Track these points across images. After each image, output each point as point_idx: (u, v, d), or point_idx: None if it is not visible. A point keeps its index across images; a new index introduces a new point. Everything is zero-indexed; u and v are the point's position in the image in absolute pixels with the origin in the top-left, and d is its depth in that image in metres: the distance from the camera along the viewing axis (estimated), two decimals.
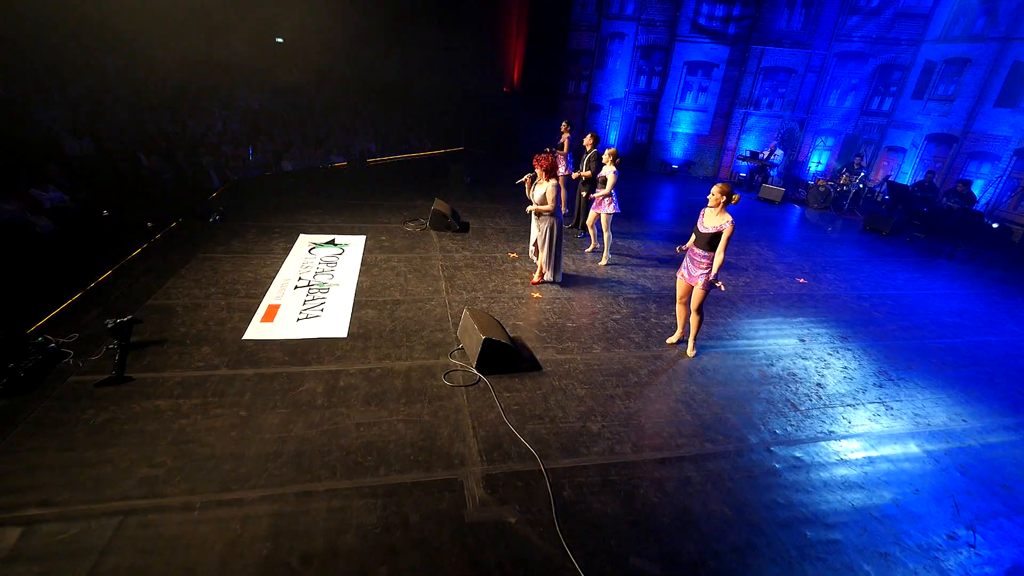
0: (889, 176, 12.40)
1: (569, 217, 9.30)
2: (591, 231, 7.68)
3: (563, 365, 4.72)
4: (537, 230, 5.89)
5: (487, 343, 4.33)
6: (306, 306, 5.35)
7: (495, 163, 14.44)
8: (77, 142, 10.82)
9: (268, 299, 5.41)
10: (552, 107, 15.46)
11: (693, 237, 4.82)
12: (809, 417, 4.34)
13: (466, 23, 17.56)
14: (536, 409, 4.07)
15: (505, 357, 4.45)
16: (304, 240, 7.13)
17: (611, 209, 7.02)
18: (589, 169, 7.52)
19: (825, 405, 4.53)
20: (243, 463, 3.30)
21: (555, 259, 6.12)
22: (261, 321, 4.98)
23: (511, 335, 5.06)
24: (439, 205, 8.03)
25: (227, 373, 4.16)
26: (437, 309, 5.56)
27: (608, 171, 6.97)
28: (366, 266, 6.49)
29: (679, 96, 14.37)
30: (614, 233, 7.47)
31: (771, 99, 13.91)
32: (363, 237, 7.45)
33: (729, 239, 4.50)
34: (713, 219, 4.60)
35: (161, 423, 3.57)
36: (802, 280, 7.52)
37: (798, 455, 3.88)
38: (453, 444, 3.63)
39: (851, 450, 3.99)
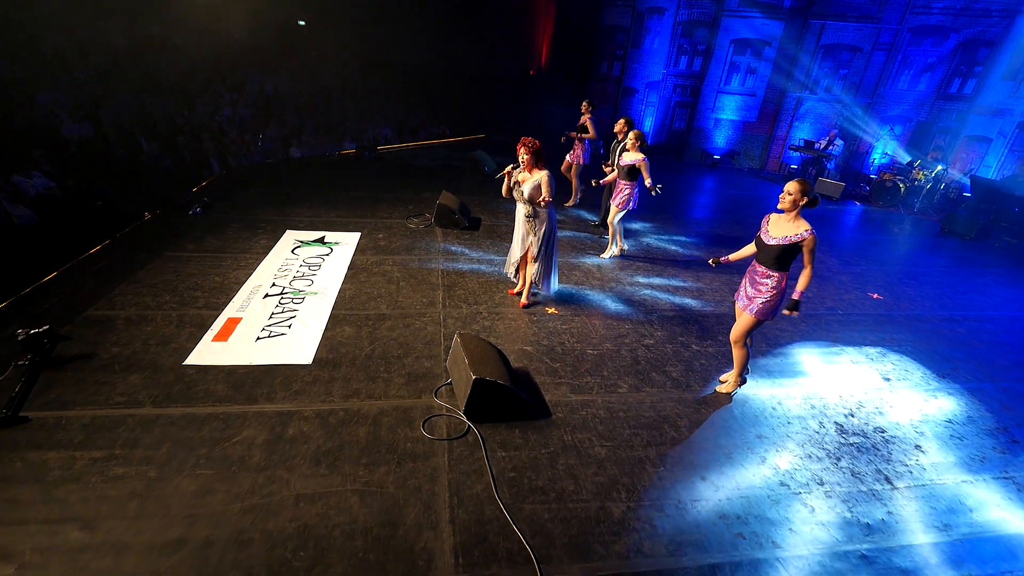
0: (971, 169, 10.75)
1: (573, 202, 8.21)
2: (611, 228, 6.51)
3: (579, 411, 3.68)
4: (532, 235, 4.63)
5: (478, 384, 3.34)
6: (272, 320, 4.46)
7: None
8: (76, 126, 10.29)
9: (229, 311, 4.54)
10: (582, 90, 14.22)
11: (746, 249, 3.72)
12: (912, 500, 3.19)
13: (492, 1, 16.40)
14: (539, 478, 3.06)
15: (503, 401, 3.45)
16: (290, 237, 6.26)
17: (623, 202, 5.96)
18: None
19: (931, 480, 3.36)
20: (127, 557, 2.41)
21: (552, 268, 4.89)
22: (213, 340, 4.11)
23: (515, 366, 4.06)
24: (446, 199, 7.04)
25: (149, 413, 3.30)
26: (429, 327, 4.59)
27: (636, 159, 5.85)
28: (354, 270, 5.57)
29: (724, 78, 12.93)
30: (632, 231, 6.36)
31: (830, 81, 12.33)
32: (357, 234, 6.53)
33: (814, 253, 3.36)
34: (783, 227, 3.45)
35: (42, 488, 2.72)
36: (876, 295, 6.23)
37: (904, 565, 2.75)
38: (420, 534, 2.65)
39: (980, 559, 2.83)
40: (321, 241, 6.23)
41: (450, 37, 16.27)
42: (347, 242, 6.27)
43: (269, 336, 4.23)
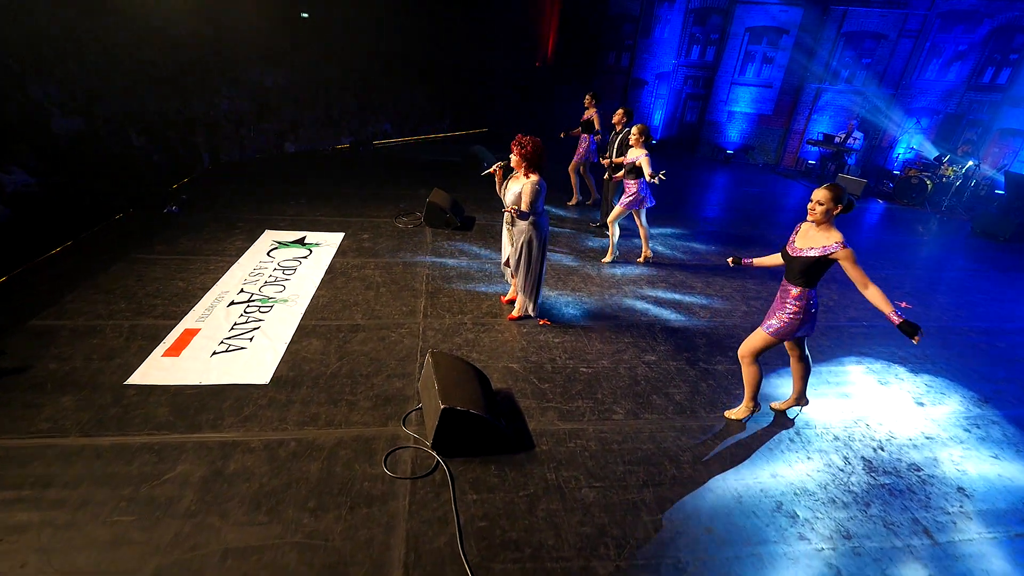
0: (1004, 165, 10.04)
1: (582, 201, 7.74)
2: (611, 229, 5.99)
3: (566, 442, 3.23)
4: (510, 245, 4.20)
5: (448, 415, 2.90)
6: (233, 332, 4.06)
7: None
8: (66, 120, 10.01)
9: (187, 321, 4.15)
10: (589, 83, 13.66)
11: (773, 258, 3.24)
12: (958, 558, 2.69)
13: None
14: (514, 528, 2.62)
15: (477, 432, 3.01)
16: (268, 238, 5.87)
17: (631, 202, 5.50)
18: (622, 154, 5.87)
19: (979, 533, 2.86)
20: None
21: (534, 287, 4.36)
22: (163, 355, 3.72)
23: (498, 387, 3.62)
24: (437, 196, 6.60)
25: (74, 443, 2.91)
26: (405, 340, 4.16)
27: (638, 155, 5.37)
28: (332, 274, 5.16)
29: (739, 69, 12.30)
30: (635, 232, 5.88)
31: (852, 71, 11.64)
32: (340, 235, 6.12)
33: (857, 265, 2.86)
34: (811, 236, 2.98)
35: None
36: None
37: None
38: None
39: None
40: (301, 242, 5.82)
41: (453, 28, 15.76)
42: (328, 243, 5.86)
43: (227, 350, 3.83)
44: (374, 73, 16.50)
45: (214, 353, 3.78)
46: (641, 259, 6.04)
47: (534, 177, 3.87)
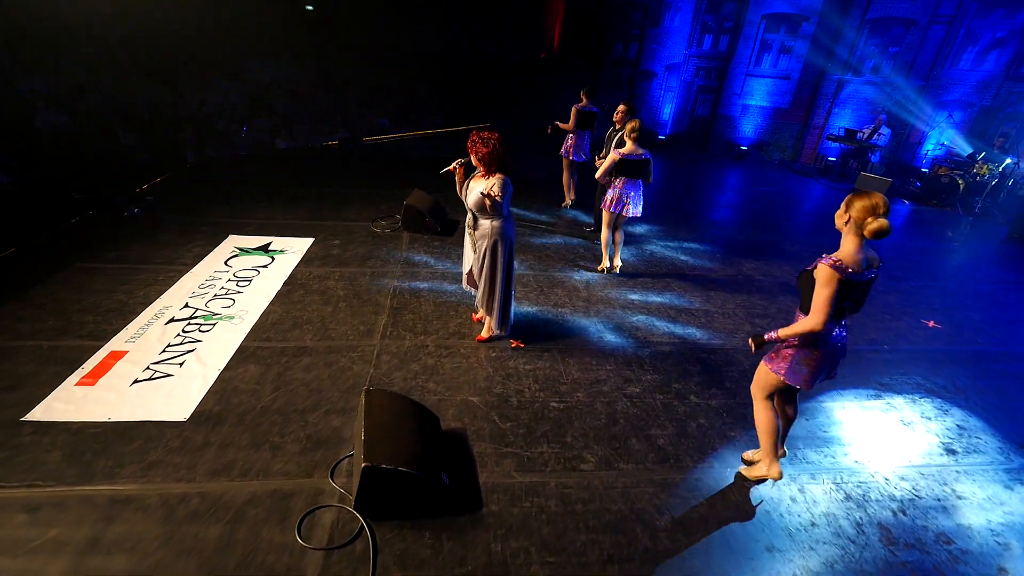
0: None
1: (574, 201, 7.16)
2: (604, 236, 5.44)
3: (522, 500, 2.73)
4: (473, 251, 3.73)
5: (370, 474, 2.42)
6: (164, 356, 3.63)
7: (520, 142, 12.29)
8: (52, 116, 9.76)
9: (115, 342, 3.73)
10: (593, 75, 13.02)
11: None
12: None
13: None
14: None
15: (409, 492, 2.52)
16: (230, 244, 5.45)
17: (612, 201, 4.99)
18: None
19: None
20: None
21: (501, 301, 3.79)
22: (77, 384, 3.30)
23: (450, 427, 3.14)
24: (416, 198, 6.11)
25: None
26: (355, 366, 3.69)
27: (619, 152, 4.86)
28: (290, 286, 4.71)
29: (754, 59, 11.54)
30: (634, 237, 5.33)
31: (878, 61, 10.81)
32: (309, 241, 5.68)
33: (823, 293, 2.37)
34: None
35: None
36: (932, 323, 5.04)
37: None
38: None
39: None
40: (264, 249, 5.39)
41: (455, 19, 15.22)
42: (294, 250, 5.42)
43: (151, 378, 3.40)
44: (372, 68, 16.07)
45: (135, 381, 3.36)
46: (600, 268, 5.48)
47: (499, 176, 3.42)
